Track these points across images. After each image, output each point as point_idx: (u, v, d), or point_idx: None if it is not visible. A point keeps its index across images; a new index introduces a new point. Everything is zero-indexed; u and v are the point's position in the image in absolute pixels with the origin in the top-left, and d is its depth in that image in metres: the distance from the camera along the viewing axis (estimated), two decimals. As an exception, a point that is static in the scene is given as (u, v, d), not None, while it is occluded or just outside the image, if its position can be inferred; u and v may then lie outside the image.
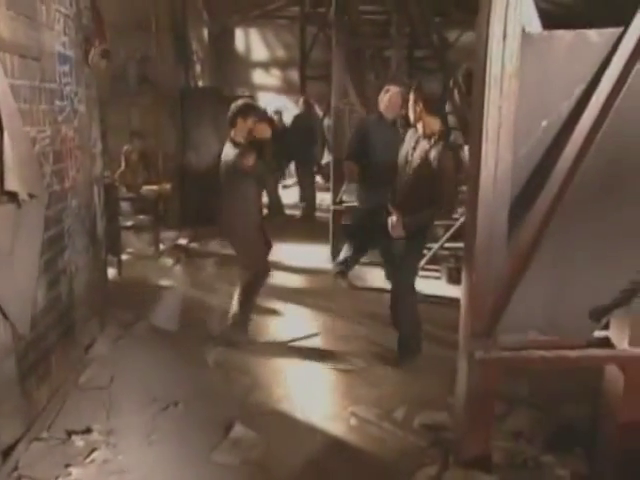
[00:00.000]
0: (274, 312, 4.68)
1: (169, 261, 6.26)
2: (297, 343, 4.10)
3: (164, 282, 5.50)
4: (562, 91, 2.17)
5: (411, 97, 3.51)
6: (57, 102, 3.18)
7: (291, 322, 4.50)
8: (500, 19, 2.09)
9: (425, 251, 4.73)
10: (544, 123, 2.20)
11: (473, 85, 2.21)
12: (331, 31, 10.82)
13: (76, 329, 3.50)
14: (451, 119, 8.29)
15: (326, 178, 12.33)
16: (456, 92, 7.91)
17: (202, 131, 8.28)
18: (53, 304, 3.10)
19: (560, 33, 2.16)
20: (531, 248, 2.19)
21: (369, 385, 3.46)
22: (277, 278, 5.37)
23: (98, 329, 3.94)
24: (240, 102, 4.04)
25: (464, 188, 7.04)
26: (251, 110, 3.93)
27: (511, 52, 2.10)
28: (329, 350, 3.95)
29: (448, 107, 7.98)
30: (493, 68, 2.11)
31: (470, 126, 2.28)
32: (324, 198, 9.67)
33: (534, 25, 2.22)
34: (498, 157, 2.16)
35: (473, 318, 2.25)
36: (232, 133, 3.93)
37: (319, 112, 10.96)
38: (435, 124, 3.44)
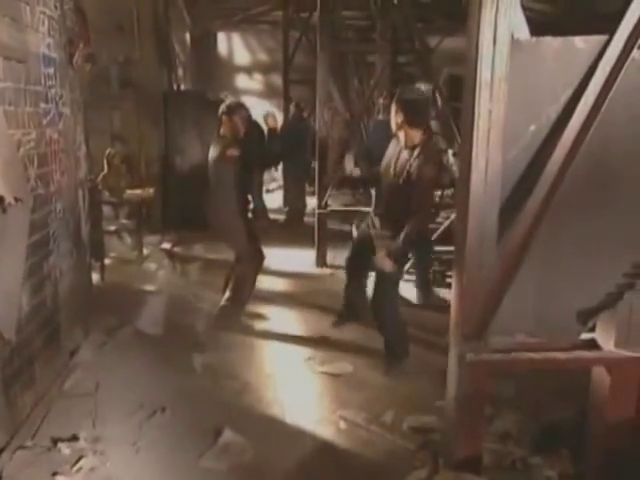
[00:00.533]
0: (260, 316, 4.66)
1: (153, 265, 6.21)
2: (285, 347, 4.09)
3: (148, 287, 5.45)
4: (550, 96, 2.20)
5: (392, 108, 3.53)
6: (42, 105, 3.13)
7: (278, 327, 4.48)
8: (490, 24, 2.11)
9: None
10: (532, 127, 2.23)
11: (464, 88, 2.23)
12: (314, 36, 10.96)
13: (61, 334, 3.44)
14: (434, 124, 8.40)
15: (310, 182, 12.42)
16: (438, 97, 7.99)
17: (185, 135, 8.24)
18: (38, 309, 3.05)
19: (548, 40, 2.19)
20: (520, 250, 2.21)
21: (357, 389, 3.46)
22: (263, 282, 5.39)
23: (83, 334, 3.88)
24: (228, 101, 4.50)
25: (448, 192, 7.18)
26: (237, 109, 4.29)
27: (501, 57, 2.13)
28: (317, 354, 3.94)
29: (431, 112, 8.07)
30: (483, 72, 2.14)
31: (460, 128, 2.30)
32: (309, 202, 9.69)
33: (523, 31, 2.25)
34: (488, 159, 2.19)
35: (463, 320, 2.26)
36: (220, 130, 4.32)
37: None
38: (416, 136, 3.45)
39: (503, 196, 2.24)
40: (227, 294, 4.37)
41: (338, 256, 6.25)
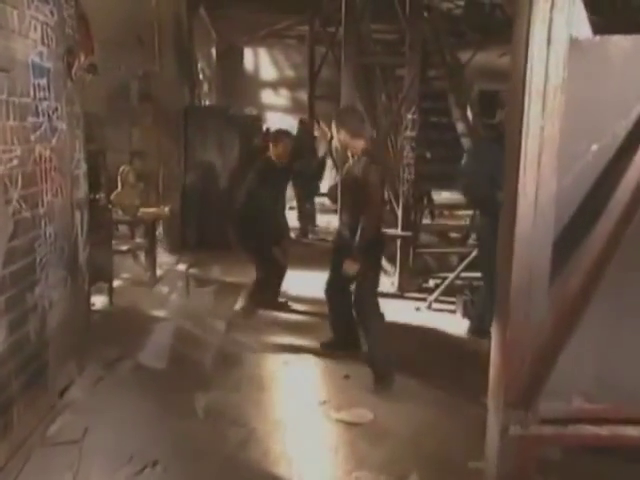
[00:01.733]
0: (273, 347, 4.28)
1: (165, 289, 5.88)
2: (298, 386, 3.69)
3: (158, 312, 5.11)
4: (618, 108, 1.78)
5: (333, 128, 3.83)
6: (30, 118, 2.83)
7: (292, 361, 4.08)
8: (544, 22, 1.72)
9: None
10: (595, 146, 1.81)
11: (508, 101, 1.83)
12: (340, 50, 10.68)
13: (48, 372, 3.10)
14: (465, 141, 7.96)
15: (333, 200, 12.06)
16: (469, 113, 7.57)
17: (206, 151, 7.97)
18: (18, 346, 2.72)
19: (616, 39, 1.78)
20: (580, 297, 1.79)
21: (378, 442, 3.02)
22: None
23: (76, 370, 3.54)
24: (273, 129, 5.52)
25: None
26: (282, 136, 4.99)
27: (557, 61, 1.72)
28: (334, 396, 3.52)
29: (462, 128, 7.65)
30: (534, 80, 1.73)
31: (505, 148, 1.89)
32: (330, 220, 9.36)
33: (583, 30, 1.85)
34: (539, 185, 1.78)
35: (507, 383, 1.83)
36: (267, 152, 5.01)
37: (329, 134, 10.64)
38: (359, 145, 3.77)
39: (557, 231, 1.82)
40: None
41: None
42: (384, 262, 6.81)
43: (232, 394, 3.52)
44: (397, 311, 5.40)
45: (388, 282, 6.24)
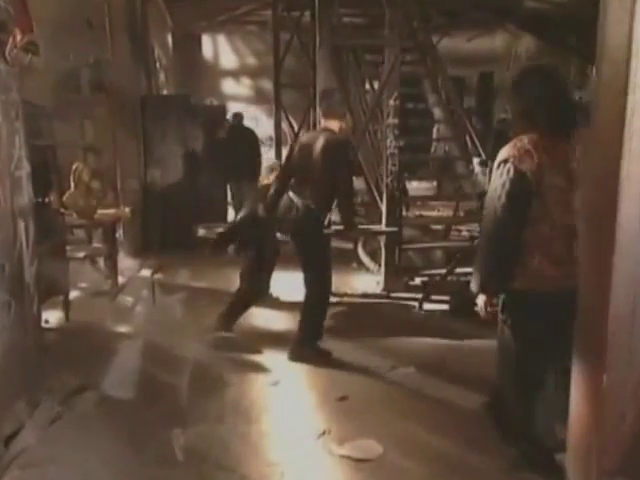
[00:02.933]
0: (259, 367, 3.79)
1: (129, 299, 5.30)
2: (292, 414, 3.21)
3: (122, 328, 4.54)
4: None
5: None
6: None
7: (283, 380, 3.60)
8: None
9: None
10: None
11: (595, 96, 1.38)
12: (306, 36, 10.12)
13: (-11, 420, 2.54)
14: (442, 128, 7.58)
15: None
16: (443, 98, 7.17)
17: (167, 145, 7.37)
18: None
19: None
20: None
21: (391, 483, 2.58)
22: (260, 317, 4.54)
23: (26, 410, 2.96)
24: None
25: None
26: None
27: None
28: (335, 425, 3.05)
29: (439, 115, 7.26)
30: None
31: (592, 137, 1.44)
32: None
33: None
34: None
35: (600, 444, 1.39)
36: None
37: (294, 124, 10.13)
38: (333, 125, 3.80)
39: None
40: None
41: (341, 281, 5.43)
42: (366, 259, 6.42)
43: (215, 428, 3.01)
44: (384, 314, 5.01)
45: (372, 281, 5.81)
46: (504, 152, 2.25)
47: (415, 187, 9.67)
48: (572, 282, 2.05)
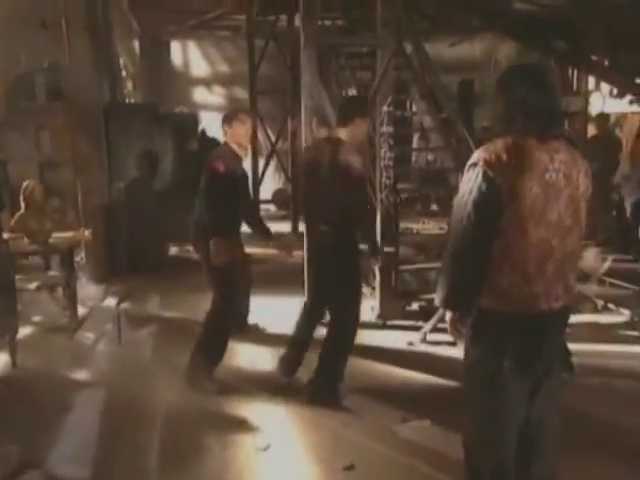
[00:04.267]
0: (240, 424, 3.16)
1: (89, 335, 4.62)
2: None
3: (80, 374, 3.88)
4: None
5: None
6: None
7: (271, 452, 2.99)
8: None
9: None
10: None
11: None
12: (283, 41, 9.59)
13: None
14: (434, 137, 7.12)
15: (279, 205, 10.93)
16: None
17: (134, 158, 6.69)
18: None
19: None
20: None
21: None
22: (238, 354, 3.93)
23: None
24: None
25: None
26: None
27: None
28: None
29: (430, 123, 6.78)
30: None
31: None
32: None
33: None
34: None
35: None
36: None
37: (271, 134, 9.58)
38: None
39: None
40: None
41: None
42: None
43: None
44: (385, 348, 4.43)
45: (366, 306, 5.23)
46: (475, 155, 1.98)
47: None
48: (545, 304, 1.93)
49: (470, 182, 1.95)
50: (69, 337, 4.52)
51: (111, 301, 5.49)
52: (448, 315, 2.11)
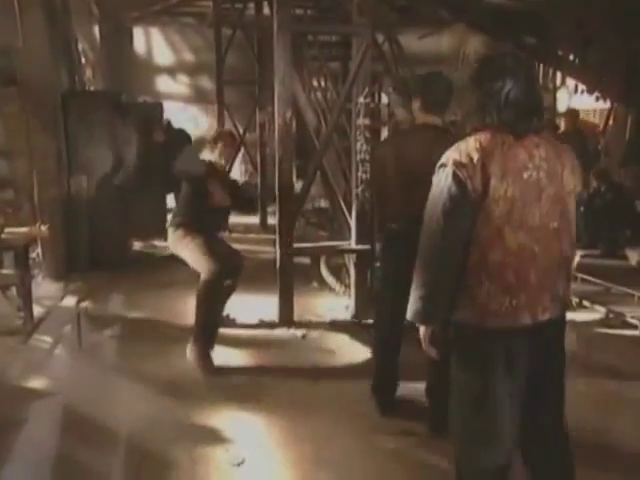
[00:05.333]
0: (217, 442, 2.93)
1: (46, 339, 4.29)
2: None
3: (34, 383, 3.56)
4: None
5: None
6: None
7: (246, 469, 2.77)
8: None
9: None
10: None
11: None
12: (251, 30, 9.31)
13: None
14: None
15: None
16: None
17: (94, 148, 6.33)
18: None
19: None
20: None
21: None
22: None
23: None
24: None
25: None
26: None
27: None
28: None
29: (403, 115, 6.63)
30: None
31: None
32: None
33: None
34: None
35: None
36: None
37: (239, 125, 9.28)
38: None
39: None
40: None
41: (302, 305, 4.69)
42: (330, 278, 5.69)
43: None
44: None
45: (339, 305, 5.06)
46: (445, 154, 1.85)
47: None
48: (529, 317, 1.80)
49: (440, 184, 1.80)
50: (23, 341, 4.18)
51: (70, 300, 5.16)
52: (422, 330, 1.92)
